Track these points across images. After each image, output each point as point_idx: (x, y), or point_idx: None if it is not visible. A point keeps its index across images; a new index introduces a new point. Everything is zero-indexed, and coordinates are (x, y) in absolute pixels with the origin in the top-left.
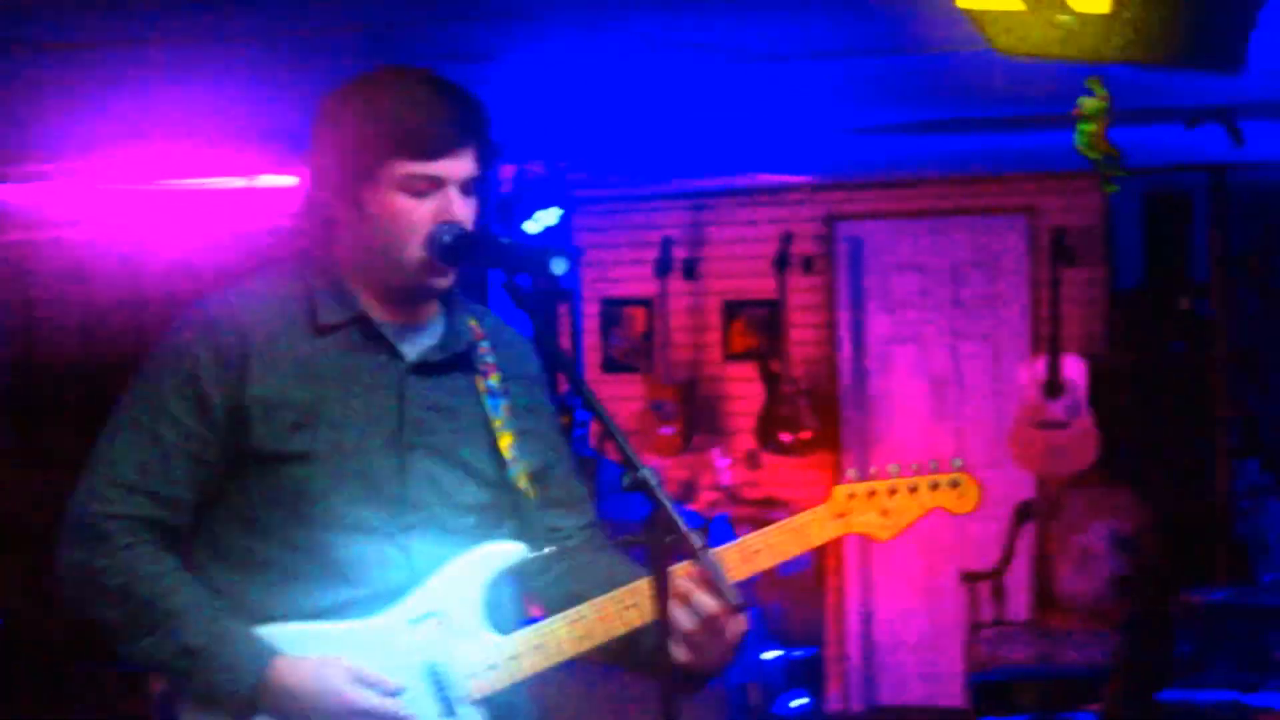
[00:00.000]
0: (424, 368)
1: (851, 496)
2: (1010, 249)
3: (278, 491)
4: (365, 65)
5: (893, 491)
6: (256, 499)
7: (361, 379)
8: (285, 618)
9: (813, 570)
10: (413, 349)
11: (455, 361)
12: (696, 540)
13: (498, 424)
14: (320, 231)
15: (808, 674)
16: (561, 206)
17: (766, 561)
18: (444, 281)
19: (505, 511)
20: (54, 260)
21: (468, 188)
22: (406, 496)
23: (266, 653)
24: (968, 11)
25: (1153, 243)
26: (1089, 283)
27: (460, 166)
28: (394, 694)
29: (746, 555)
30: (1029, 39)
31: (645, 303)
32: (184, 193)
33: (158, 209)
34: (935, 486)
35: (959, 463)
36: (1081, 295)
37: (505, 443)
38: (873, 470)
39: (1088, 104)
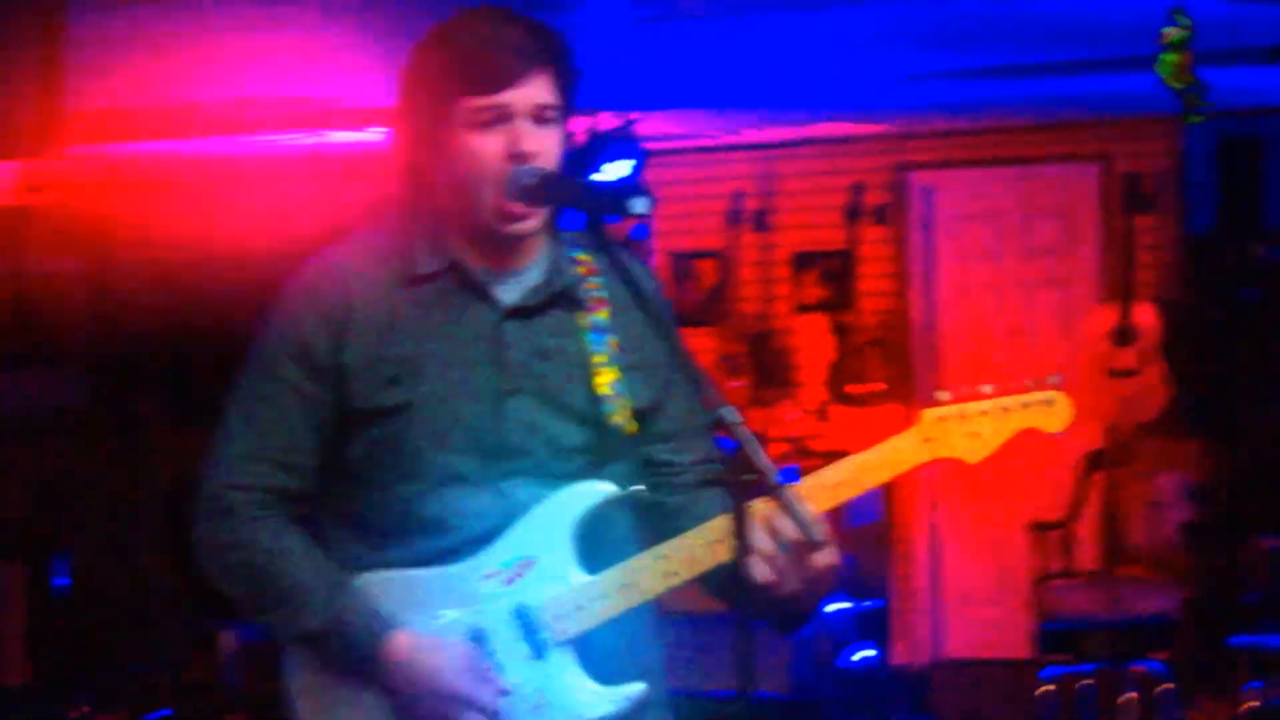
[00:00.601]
0: (521, 311)
1: (941, 420)
2: (1083, 196)
3: (377, 446)
4: (436, 13)
5: (983, 413)
6: (358, 455)
7: (457, 328)
8: (384, 568)
9: (881, 522)
10: (510, 293)
11: (556, 301)
12: (774, 477)
13: (599, 360)
14: (412, 180)
15: (875, 626)
16: (632, 158)
17: (852, 491)
18: (527, 224)
19: (612, 451)
20: (130, 221)
21: (543, 116)
22: (506, 443)
23: (381, 631)
24: None
25: (1226, 188)
26: (1161, 229)
27: (528, 95)
28: (504, 693)
29: (828, 488)
30: None
31: (715, 255)
32: (257, 149)
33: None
34: (1027, 405)
35: (1055, 379)
36: (1154, 242)
37: (604, 379)
38: (963, 389)
39: (1172, 34)
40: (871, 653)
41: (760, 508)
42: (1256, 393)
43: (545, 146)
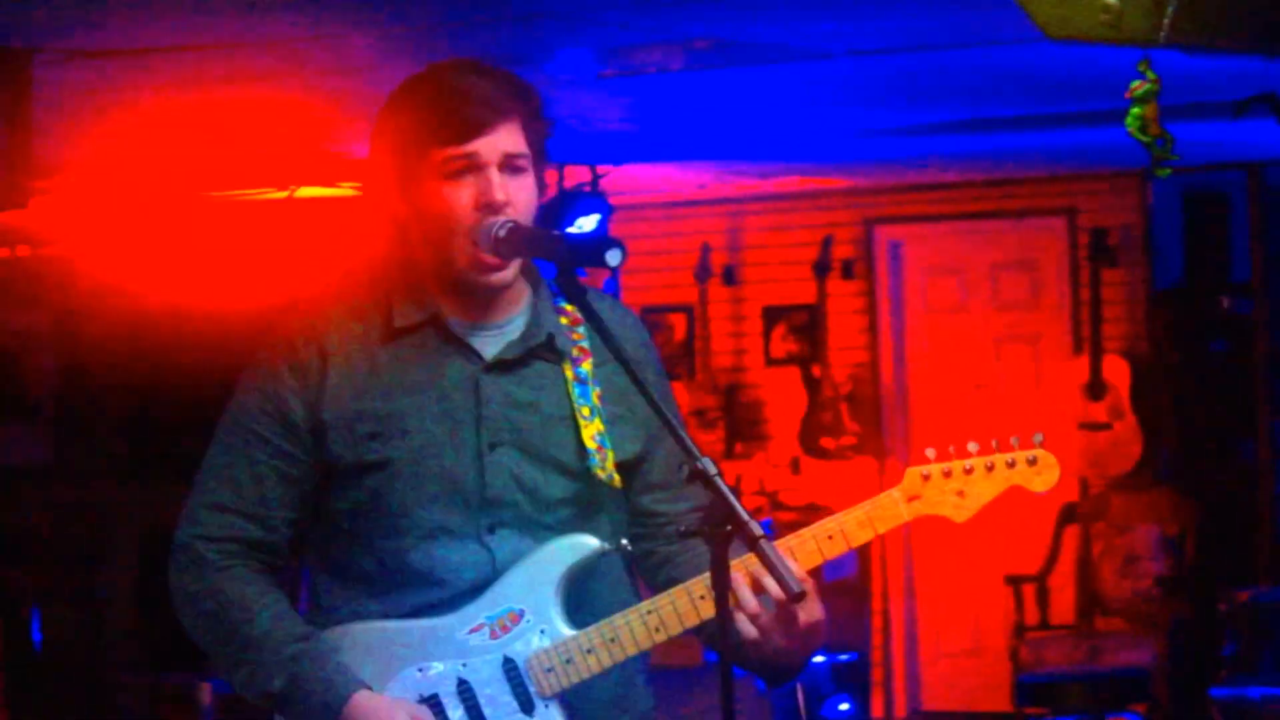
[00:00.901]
0: (501, 364)
1: (926, 478)
2: (1050, 250)
3: (362, 501)
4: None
5: (969, 471)
6: (346, 508)
7: (438, 382)
8: (377, 618)
9: (857, 574)
10: (490, 346)
11: (537, 352)
12: (755, 529)
13: (584, 411)
14: (390, 235)
15: (852, 678)
16: (599, 212)
17: (838, 548)
18: (502, 275)
19: (598, 502)
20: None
21: (513, 165)
22: (489, 496)
23: (343, 694)
24: None
25: (1193, 242)
26: (1129, 283)
27: (497, 143)
28: None
29: (818, 543)
30: (1075, 21)
31: (685, 309)
32: (223, 204)
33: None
34: (1012, 464)
35: (1039, 438)
36: (1122, 295)
37: (589, 432)
38: (950, 449)
39: (1138, 87)
40: (847, 706)
41: (746, 564)
42: (1227, 444)
43: (516, 195)
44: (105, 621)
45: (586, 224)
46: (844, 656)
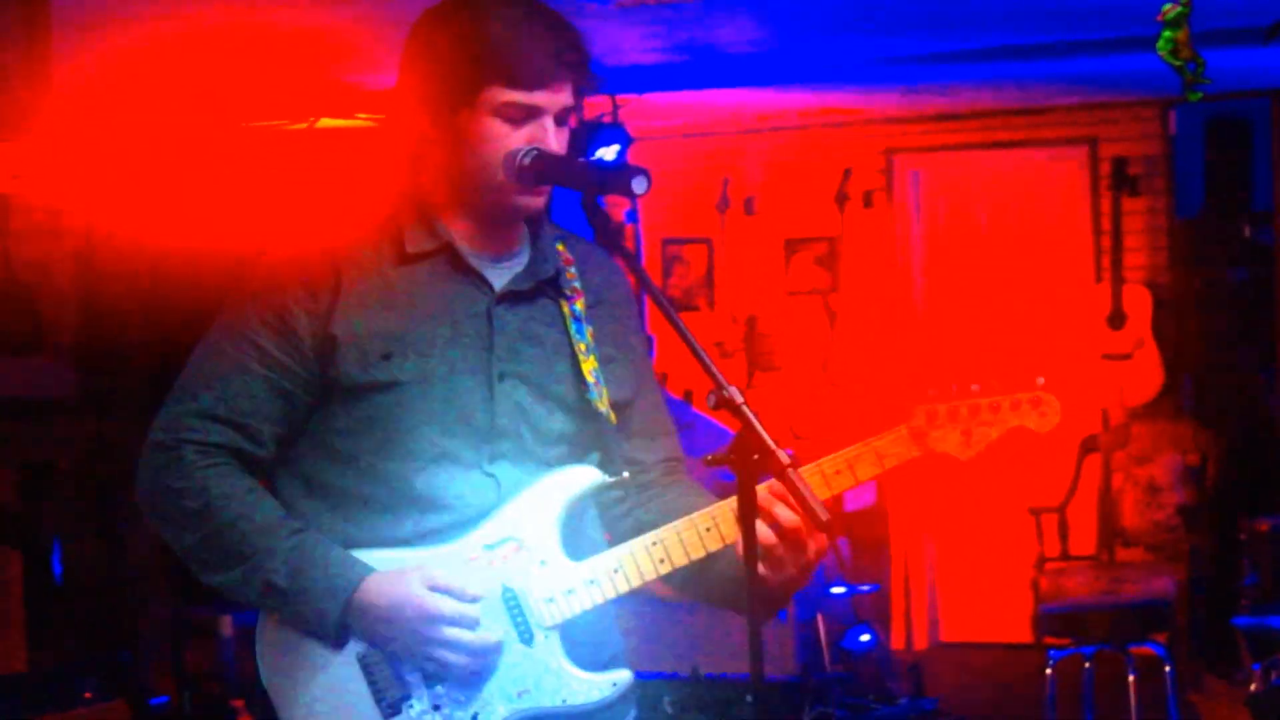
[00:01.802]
0: (511, 296)
1: (931, 416)
2: (1071, 179)
3: (365, 422)
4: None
5: (974, 410)
6: (343, 430)
7: (450, 308)
8: (369, 546)
9: (877, 505)
10: (500, 278)
11: (542, 288)
12: (783, 457)
13: (581, 348)
14: (408, 161)
15: (874, 610)
16: (618, 143)
17: (845, 483)
18: (536, 200)
19: (593, 440)
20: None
21: (562, 118)
22: (495, 425)
23: (351, 580)
24: None
25: (1214, 171)
26: (1150, 212)
27: (558, 98)
28: (471, 600)
29: (825, 477)
30: None
31: (704, 241)
32: (243, 135)
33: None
34: (1017, 405)
35: (1041, 380)
36: (1143, 225)
37: (588, 367)
38: (954, 388)
39: (1170, 11)
40: (869, 637)
41: (759, 495)
42: (1248, 373)
43: (562, 146)
44: (126, 554)
45: (606, 155)
46: (865, 587)
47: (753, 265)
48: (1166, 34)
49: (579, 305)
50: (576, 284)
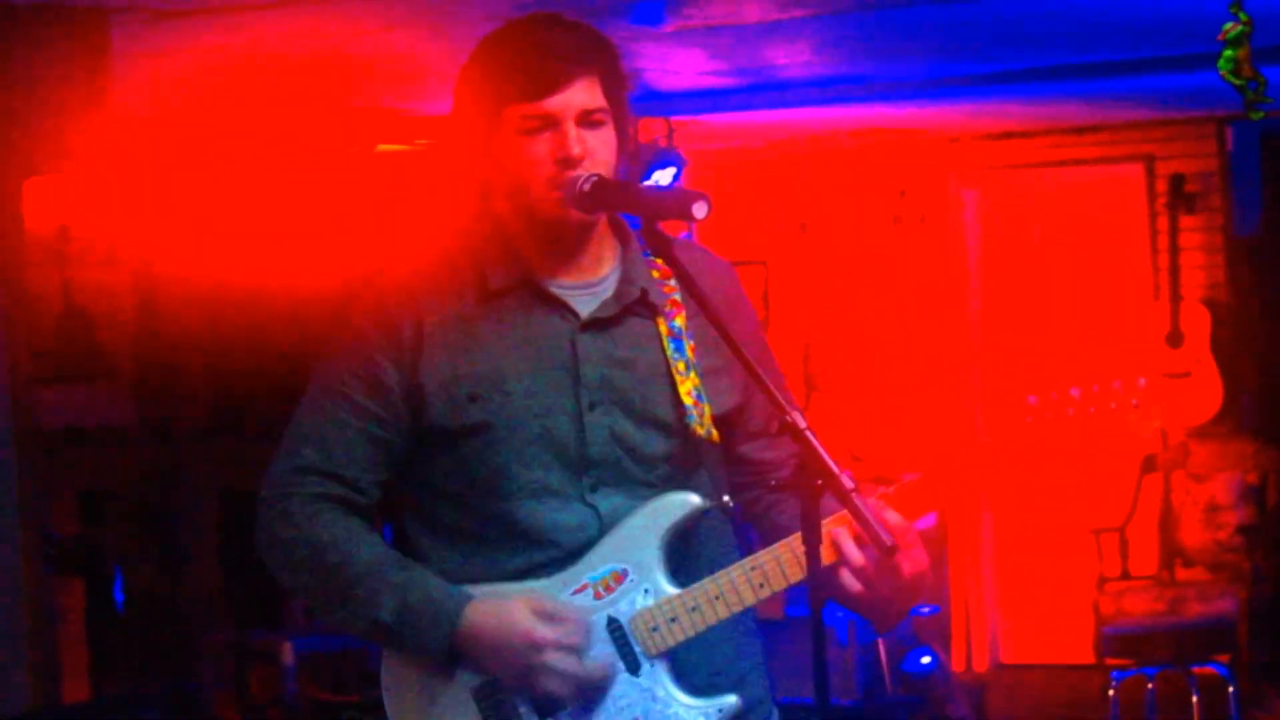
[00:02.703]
0: (597, 323)
1: (1028, 425)
2: (1128, 197)
3: (463, 463)
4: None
5: (1070, 415)
6: (447, 471)
7: (534, 342)
8: (485, 582)
9: (937, 526)
10: (585, 305)
11: (632, 309)
12: (846, 482)
13: (680, 367)
14: (476, 193)
15: (935, 632)
16: (674, 165)
17: (929, 505)
18: (578, 214)
19: (697, 457)
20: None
21: (591, 119)
22: (589, 455)
23: (454, 611)
24: None
25: (1271, 188)
26: (1208, 229)
27: (574, 100)
28: (577, 628)
29: (914, 495)
30: None
31: (760, 262)
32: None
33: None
34: (1114, 408)
35: (1144, 381)
36: (1201, 242)
37: (686, 388)
38: (1054, 395)
39: (1231, 29)
40: (930, 659)
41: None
42: None
43: (595, 149)
44: (186, 581)
45: (662, 178)
46: (925, 609)
47: (809, 286)
48: (1228, 53)
49: (678, 320)
50: (676, 297)
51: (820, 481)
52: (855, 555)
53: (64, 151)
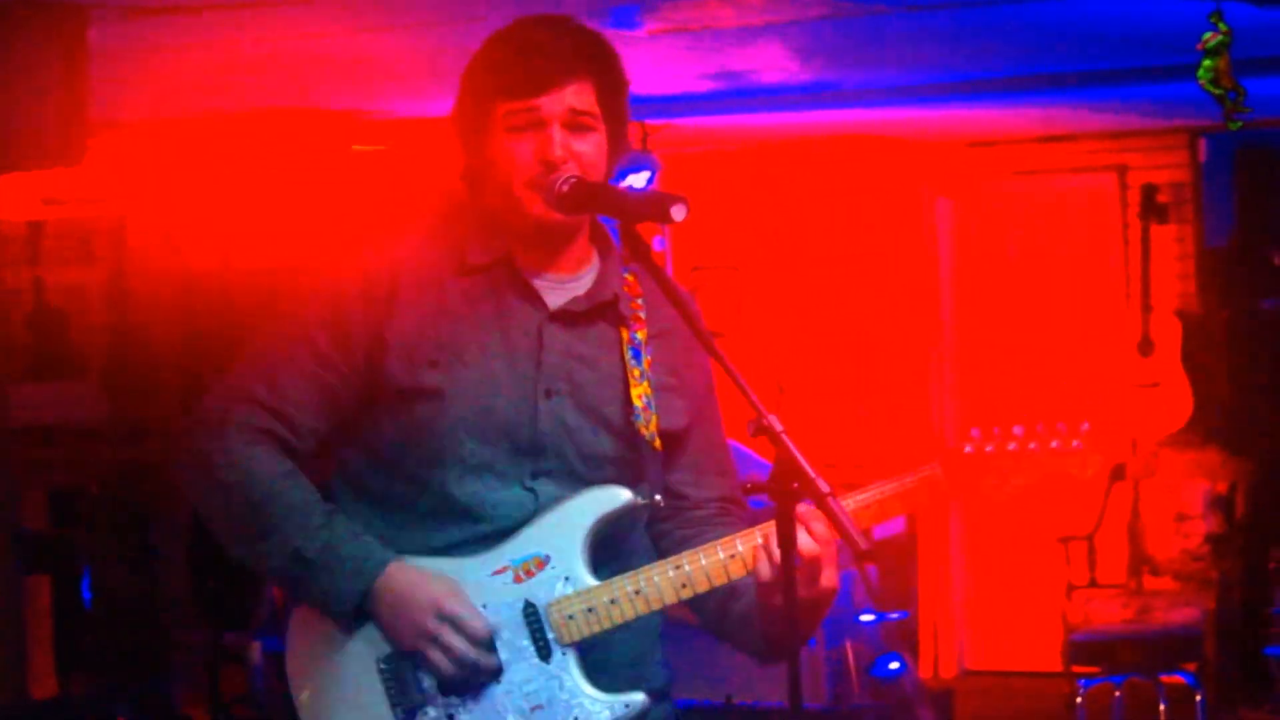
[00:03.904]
0: (565, 316)
1: (968, 455)
2: (1100, 207)
3: (409, 429)
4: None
5: (1010, 451)
6: (389, 436)
7: (501, 321)
8: (408, 554)
9: (906, 533)
10: (556, 297)
11: (600, 312)
12: (822, 486)
13: (635, 374)
14: (468, 181)
15: (903, 637)
16: (648, 169)
17: (874, 518)
18: (557, 216)
19: (641, 467)
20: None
21: (578, 122)
22: (537, 442)
23: (379, 564)
24: None
25: (1244, 199)
26: (1180, 240)
27: (560, 100)
28: (486, 621)
29: (855, 511)
30: None
31: (733, 266)
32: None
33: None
34: (1054, 447)
35: (1086, 426)
36: (1173, 252)
37: (638, 392)
38: (995, 430)
39: (1211, 39)
40: (897, 665)
41: (763, 530)
42: (1277, 401)
43: (580, 153)
44: (157, 580)
45: (636, 180)
46: (893, 615)
47: (781, 291)
48: (1207, 62)
49: (640, 334)
50: (641, 314)
51: (796, 484)
52: (766, 570)
53: (39, 148)
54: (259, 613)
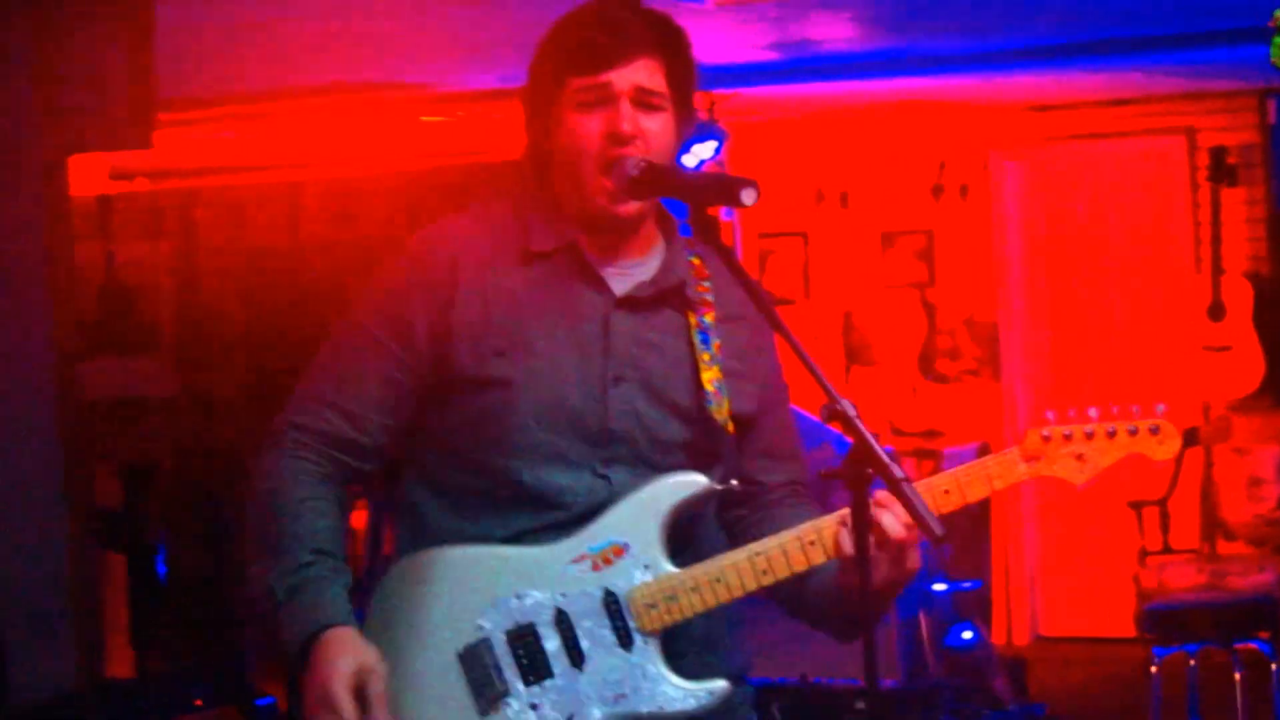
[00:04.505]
0: (632, 302)
1: (1047, 439)
2: (1169, 171)
3: (478, 418)
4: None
5: (1089, 435)
6: (458, 426)
7: (568, 309)
8: (482, 543)
9: (979, 502)
10: (622, 283)
11: (666, 297)
12: (897, 471)
13: (705, 358)
14: (533, 158)
15: (976, 606)
16: (715, 139)
17: (956, 502)
18: (627, 209)
19: (713, 451)
20: (217, 207)
21: (646, 101)
22: (608, 429)
23: (323, 622)
24: None
25: None
26: (1250, 202)
27: (629, 77)
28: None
29: (935, 495)
30: None
31: (800, 234)
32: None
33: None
34: (1134, 432)
35: (1162, 408)
36: (1243, 215)
37: (708, 376)
38: (1071, 413)
39: None
40: (971, 634)
41: (843, 517)
42: None
43: (647, 130)
44: (228, 556)
45: (703, 150)
46: (966, 585)
47: (848, 258)
48: (1278, 40)
49: (708, 317)
50: (709, 297)
51: (870, 469)
52: (849, 553)
53: (108, 131)
54: None
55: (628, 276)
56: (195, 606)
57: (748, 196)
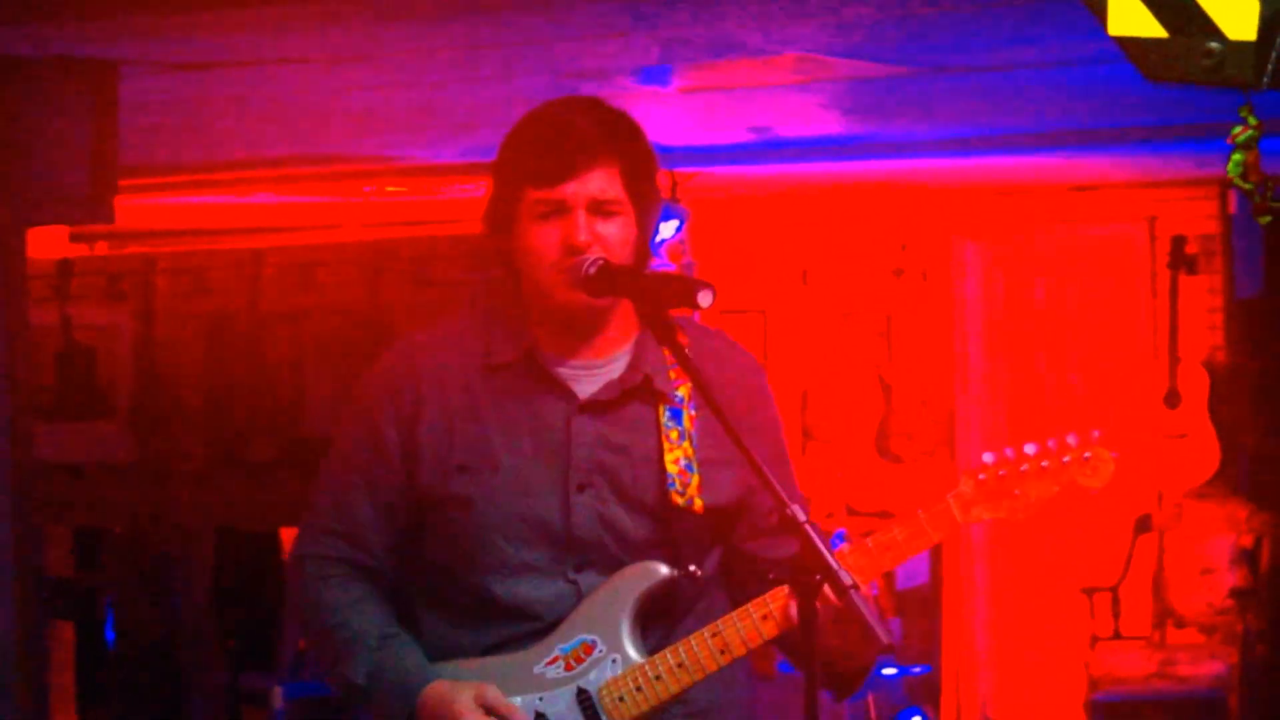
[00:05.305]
0: (596, 405)
1: (981, 482)
2: (1129, 257)
3: (448, 536)
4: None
5: (1024, 472)
6: (435, 543)
7: (530, 418)
8: (465, 655)
9: (929, 584)
10: (589, 384)
11: (634, 394)
12: (845, 579)
13: (673, 435)
14: (506, 269)
15: (925, 691)
16: (677, 219)
17: (896, 558)
18: (579, 299)
19: (685, 540)
20: (177, 273)
21: (605, 209)
22: (573, 537)
23: (416, 687)
24: (1118, 38)
25: (1273, 251)
26: (1209, 291)
27: (584, 189)
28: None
29: (872, 556)
30: (1176, 65)
31: (759, 311)
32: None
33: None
34: (1067, 463)
35: (1097, 434)
36: (1202, 304)
37: (674, 456)
38: (1008, 451)
39: (1240, 133)
40: (919, 718)
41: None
42: None
43: (604, 235)
44: (180, 622)
45: (665, 229)
46: (916, 669)
47: (808, 336)
48: (1236, 156)
49: (681, 391)
50: (682, 385)
51: (819, 577)
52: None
53: (69, 205)
54: (282, 656)
55: (594, 377)
56: (143, 672)
57: (704, 299)
